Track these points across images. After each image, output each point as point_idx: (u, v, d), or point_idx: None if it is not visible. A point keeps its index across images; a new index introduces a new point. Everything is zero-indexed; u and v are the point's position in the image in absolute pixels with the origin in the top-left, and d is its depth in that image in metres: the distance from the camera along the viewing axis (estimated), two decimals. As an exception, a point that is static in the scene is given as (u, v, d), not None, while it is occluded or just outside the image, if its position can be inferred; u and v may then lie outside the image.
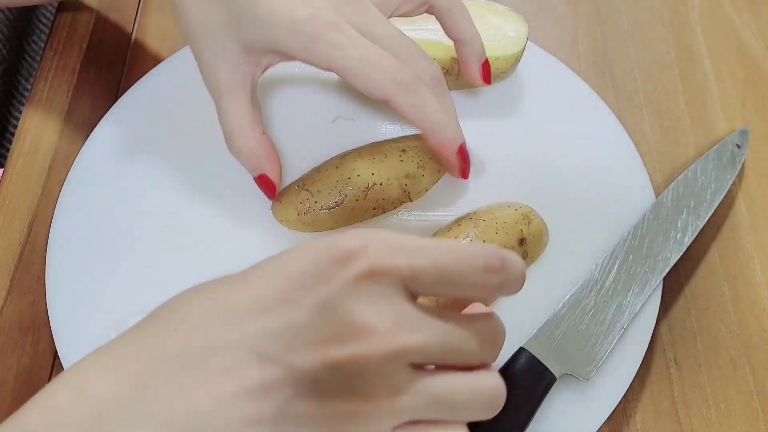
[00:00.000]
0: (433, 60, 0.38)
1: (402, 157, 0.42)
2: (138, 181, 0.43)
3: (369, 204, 0.41)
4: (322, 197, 0.41)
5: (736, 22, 0.54)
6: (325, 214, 0.41)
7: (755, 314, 0.42)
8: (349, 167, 0.41)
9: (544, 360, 0.35)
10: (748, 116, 0.50)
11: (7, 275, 0.41)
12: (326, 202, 0.40)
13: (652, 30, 0.54)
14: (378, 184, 0.41)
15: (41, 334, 0.40)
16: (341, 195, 0.40)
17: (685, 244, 0.41)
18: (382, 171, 0.41)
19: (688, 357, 0.40)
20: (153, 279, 0.40)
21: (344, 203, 0.40)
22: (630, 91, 0.51)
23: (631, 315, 0.38)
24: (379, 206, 0.41)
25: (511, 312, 0.39)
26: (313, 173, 0.42)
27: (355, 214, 0.41)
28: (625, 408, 0.39)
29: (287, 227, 0.41)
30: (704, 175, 0.44)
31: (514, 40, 0.45)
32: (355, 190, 0.41)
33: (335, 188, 0.41)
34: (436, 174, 0.42)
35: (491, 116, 0.47)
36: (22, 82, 0.60)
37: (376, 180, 0.41)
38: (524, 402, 0.34)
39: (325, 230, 0.41)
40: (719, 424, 0.39)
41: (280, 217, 0.41)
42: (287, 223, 0.41)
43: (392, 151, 0.42)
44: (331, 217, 0.41)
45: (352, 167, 0.41)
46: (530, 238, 0.40)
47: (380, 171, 0.41)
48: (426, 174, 0.42)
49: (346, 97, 0.47)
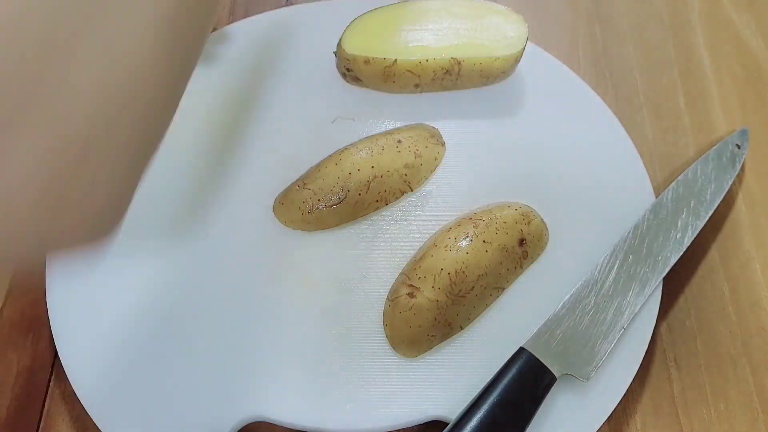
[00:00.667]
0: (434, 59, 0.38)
1: (399, 148, 0.42)
2: (138, 181, 0.43)
3: (371, 197, 0.41)
4: (325, 195, 0.41)
5: (736, 22, 0.54)
6: (328, 211, 0.41)
7: (755, 314, 0.42)
8: (349, 162, 0.41)
9: (544, 360, 0.35)
10: (748, 116, 0.50)
11: (7, 275, 0.41)
12: (329, 200, 0.41)
13: (651, 30, 0.54)
14: (379, 177, 0.41)
15: (41, 334, 0.40)
16: (344, 191, 0.41)
17: (685, 244, 0.41)
18: (382, 163, 0.42)
19: (688, 357, 0.40)
20: (153, 279, 0.40)
21: (347, 199, 0.41)
22: (630, 91, 0.51)
23: (631, 315, 0.38)
24: (381, 198, 0.42)
25: (511, 312, 0.39)
26: (312, 172, 0.42)
27: (359, 208, 0.41)
28: (625, 408, 0.39)
29: (291, 228, 0.41)
30: (704, 175, 0.44)
31: (514, 40, 0.45)
32: (356, 185, 0.41)
33: (337, 185, 0.41)
34: (433, 162, 0.43)
35: (491, 116, 0.47)
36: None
37: (377, 173, 0.41)
38: (524, 402, 0.34)
39: (330, 227, 0.41)
40: (719, 424, 0.39)
41: (283, 219, 0.41)
42: (291, 224, 0.41)
43: (389, 142, 0.43)
44: (335, 213, 0.41)
45: (352, 162, 0.41)
46: (530, 238, 0.40)
47: (380, 163, 0.42)
48: (423, 162, 0.43)
49: (346, 97, 0.47)
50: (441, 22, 0.45)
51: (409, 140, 0.43)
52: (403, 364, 0.38)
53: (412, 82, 0.45)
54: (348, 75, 0.46)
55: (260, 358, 0.38)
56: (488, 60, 0.44)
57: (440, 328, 0.37)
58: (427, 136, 0.44)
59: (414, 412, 0.36)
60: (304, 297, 0.40)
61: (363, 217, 0.42)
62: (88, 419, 0.36)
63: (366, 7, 0.46)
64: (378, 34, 0.45)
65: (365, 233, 0.42)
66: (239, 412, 0.36)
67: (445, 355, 0.38)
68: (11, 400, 0.38)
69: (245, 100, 0.47)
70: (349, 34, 0.45)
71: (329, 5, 0.51)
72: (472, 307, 0.38)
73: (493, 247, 0.39)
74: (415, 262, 0.39)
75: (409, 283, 0.38)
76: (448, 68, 0.45)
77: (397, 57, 0.44)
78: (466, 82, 0.46)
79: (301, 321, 0.39)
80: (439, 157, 0.44)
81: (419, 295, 0.37)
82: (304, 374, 0.37)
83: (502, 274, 0.39)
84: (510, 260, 0.39)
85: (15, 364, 0.39)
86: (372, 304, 0.39)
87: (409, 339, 0.37)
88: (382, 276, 0.40)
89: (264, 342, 0.38)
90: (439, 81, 0.45)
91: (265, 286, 0.40)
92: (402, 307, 0.37)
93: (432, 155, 0.43)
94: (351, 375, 0.37)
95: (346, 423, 0.36)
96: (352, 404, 0.36)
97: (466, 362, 0.38)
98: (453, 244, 0.39)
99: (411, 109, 0.46)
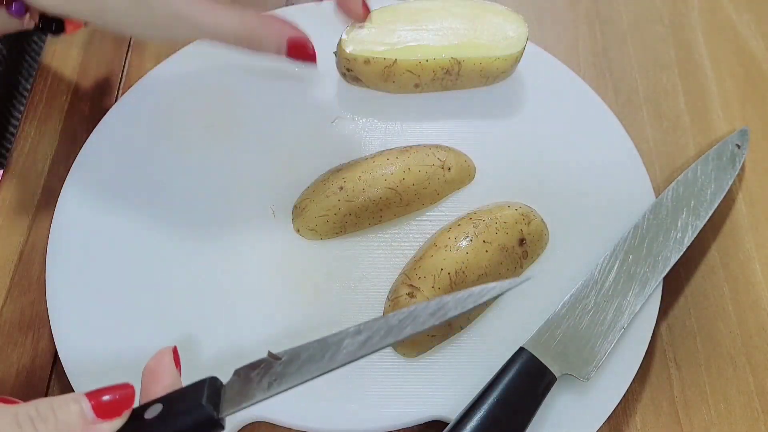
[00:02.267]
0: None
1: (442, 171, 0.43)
2: (138, 181, 0.43)
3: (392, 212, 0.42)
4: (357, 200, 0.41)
5: (736, 22, 0.54)
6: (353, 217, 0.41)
7: (755, 314, 0.42)
8: (379, 173, 0.41)
9: (544, 360, 0.35)
10: (748, 116, 0.50)
11: (7, 275, 0.41)
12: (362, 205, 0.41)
13: (651, 30, 0.54)
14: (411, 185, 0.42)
15: (41, 334, 0.40)
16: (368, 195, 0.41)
17: (685, 244, 0.41)
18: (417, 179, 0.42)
19: (688, 357, 0.40)
20: (154, 279, 0.40)
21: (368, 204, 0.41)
22: (630, 91, 0.51)
23: (631, 315, 0.38)
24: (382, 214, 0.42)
25: (511, 312, 0.39)
26: (346, 171, 0.42)
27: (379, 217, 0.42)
28: (625, 408, 0.39)
29: (304, 237, 0.42)
30: (704, 175, 0.44)
31: (514, 40, 0.45)
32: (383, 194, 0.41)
33: (367, 188, 0.41)
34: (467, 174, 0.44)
35: (491, 116, 0.47)
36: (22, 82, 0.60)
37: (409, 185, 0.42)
38: (524, 402, 0.34)
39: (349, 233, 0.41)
40: (719, 424, 0.39)
41: (297, 226, 0.42)
42: (308, 234, 0.41)
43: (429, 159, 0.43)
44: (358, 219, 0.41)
45: (382, 173, 0.41)
46: (530, 238, 0.40)
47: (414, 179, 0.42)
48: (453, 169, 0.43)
49: (346, 97, 0.47)
50: (441, 22, 0.45)
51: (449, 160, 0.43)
52: (403, 364, 0.38)
53: (412, 82, 0.45)
54: (348, 75, 0.46)
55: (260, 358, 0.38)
56: (488, 60, 0.44)
57: (440, 328, 0.37)
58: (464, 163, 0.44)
59: (414, 412, 0.36)
60: (303, 297, 0.40)
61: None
62: (88, 419, 0.36)
63: (366, 7, 0.46)
64: (378, 34, 0.45)
65: (365, 234, 0.42)
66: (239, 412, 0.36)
67: (445, 355, 0.38)
68: (11, 400, 0.38)
69: (245, 100, 0.47)
70: (349, 34, 0.45)
71: (329, 5, 0.51)
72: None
73: (493, 247, 0.39)
74: (415, 262, 0.39)
75: (409, 283, 0.38)
76: (448, 68, 0.45)
77: (397, 57, 0.44)
78: (466, 82, 0.46)
79: (301, 321, 0.39)
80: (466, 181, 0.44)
81: (419, 295, 0.37)
82: (304, 374, 0.37)
83: (502, 274, 0.39)
84: (510, 260, 0.39)
85: (15, 364, 0.39)
86: (372, 304, 0.39)
87: (409, 339, 0.37)
88: (382, 276, 0.40)
89: (264, 342, 0.38)
90: (439, 81, 0.45)
91: (265, 287, 0.40)
92: (402, 307, 0.37)
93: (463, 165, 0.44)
94: (351, 375, 0.37)
95: (346, 423, 0.36)
96: (352, 404, 0.36)
97: (466, 362, 0.38)
98: (453, 244, 0.39)
99: (411, 109, 0.46)
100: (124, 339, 0.38)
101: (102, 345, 0.38)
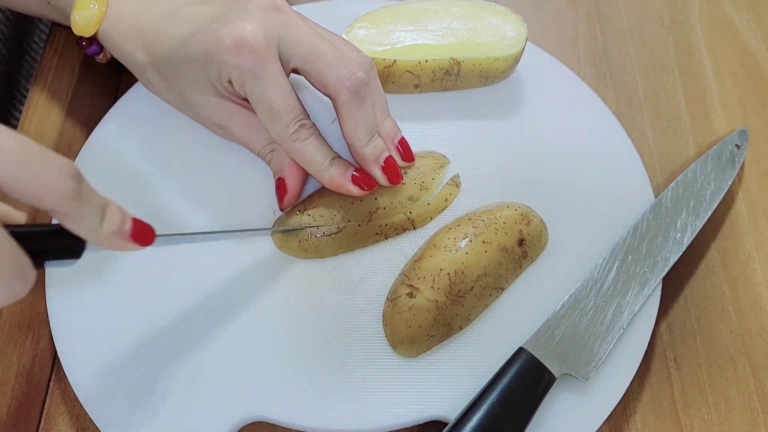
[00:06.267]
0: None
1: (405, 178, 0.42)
2: (138, 182, 0.43)
3: (372, 230, 0.41)
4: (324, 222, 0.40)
5: (736, 22, 0.54)
6: (327, 240, 0.40)
7: (755, 314, 0.42)
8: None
9: (544, 360, 0.35)
10: (748, 116, 0.50)
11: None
12: (327, 229, 0.40)
13: (651, 30, 0.54)
14: (382, 209, 0.41)
15: (41, 334, 0.40)
16: (344, 221, 0.40)
17: (685, 244, 0.41)
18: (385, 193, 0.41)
19: (688, 357, 0.40)
20: (153, 279, 0.40)
21: (346, 229, 0.40)
22: (630, 91, 0.51)
23: (630, 315, 0.38)
24: (381, 232, 0.41)
25: (510, 312, 0.39)
26: (314, 197, 0.42)
27: (358, 239, 0.41)
28: (625, 408, 0.39)
29: (287, 254, 0.41)
30: (704, 175, 0.44)
31: (514, 41, 0.45)
32: (358, 215, 0.40)
33: (337, 214, 0.40)
34: (443, 203, 0.42)
35: (491, 116, 0.47)
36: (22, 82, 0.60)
37: (380, 204, 0.41)
38: (524, 402, 0.34)
39: (327, 256, 0.41)
40: (719, 424, 0.39)
41: (280, 244, 0.41)
42: (287, 250, 0.41)
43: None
44: (332, 242, 0.40)
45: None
46: (530, 238, 0.40)
47: (383, 194, 0.41)
48: (431, 201, 0.42)
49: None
50: (441, 22, 0.45)
51: (415, 171, 0.42)
52: (403, 364, 0.38)
53: (411, 83, 0.45)
54: (348, 75, 0.46)
55: (260, 358, 0.38)
56: (488, 60, 0.44)
57: (440, 329, 0.37)
58: (436, 167, 0.43)
59: (414, 412, 0.36)
60: (303, 297, 0.40)
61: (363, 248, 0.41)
62: (88, 419, 0.36)
63: (366, 8, 0.46)
64: (377, 35, 0.45)
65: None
66: (239, 412, 0.36)
67: (445, 355, 0.38)
68: (11, 400, 0.38)
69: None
70: (349, 34, 0.45)
71: (329, 5, 0.51)
72: (471, 307, 0.38)
73: (493, 247, 0.39)
74: (415, 263, 0.39)
75: (408, 284, 0.38)
76: (447, 68, 0.45)
77: (397, 57, 0.44)
78: (466, 82, 0.46)
79: (301, 321, 0.39)
80: (450, 198, 0.43)
81: (419, 295, 0.37)
82: (304, 374, 0.37)
83: (502, 274, 0.39)
84: (509, 260, 0.39)
85: (15, 364, 0.39)
86: (372, 304, 0.39)
87: (408, 339, 0.37)
88: (381, 276, 0.40)
89: (264, 342, 0.38)
90: (438, 81, 0.45)
91: (265, 286, 0.40)
92: (401, 307, 0.37)
93: (443, 195, 0.42)
94: (351, 375, 0.37)
95: (346, 423, 0.36)
96: (352, 404, 0.36)
97: (465, 362, 0.38)
98: (452, 244, 0.39)
99: (411, 109, 0.46)
100: (124, 339, 0.38)
101: (102, 345, 0.38)
